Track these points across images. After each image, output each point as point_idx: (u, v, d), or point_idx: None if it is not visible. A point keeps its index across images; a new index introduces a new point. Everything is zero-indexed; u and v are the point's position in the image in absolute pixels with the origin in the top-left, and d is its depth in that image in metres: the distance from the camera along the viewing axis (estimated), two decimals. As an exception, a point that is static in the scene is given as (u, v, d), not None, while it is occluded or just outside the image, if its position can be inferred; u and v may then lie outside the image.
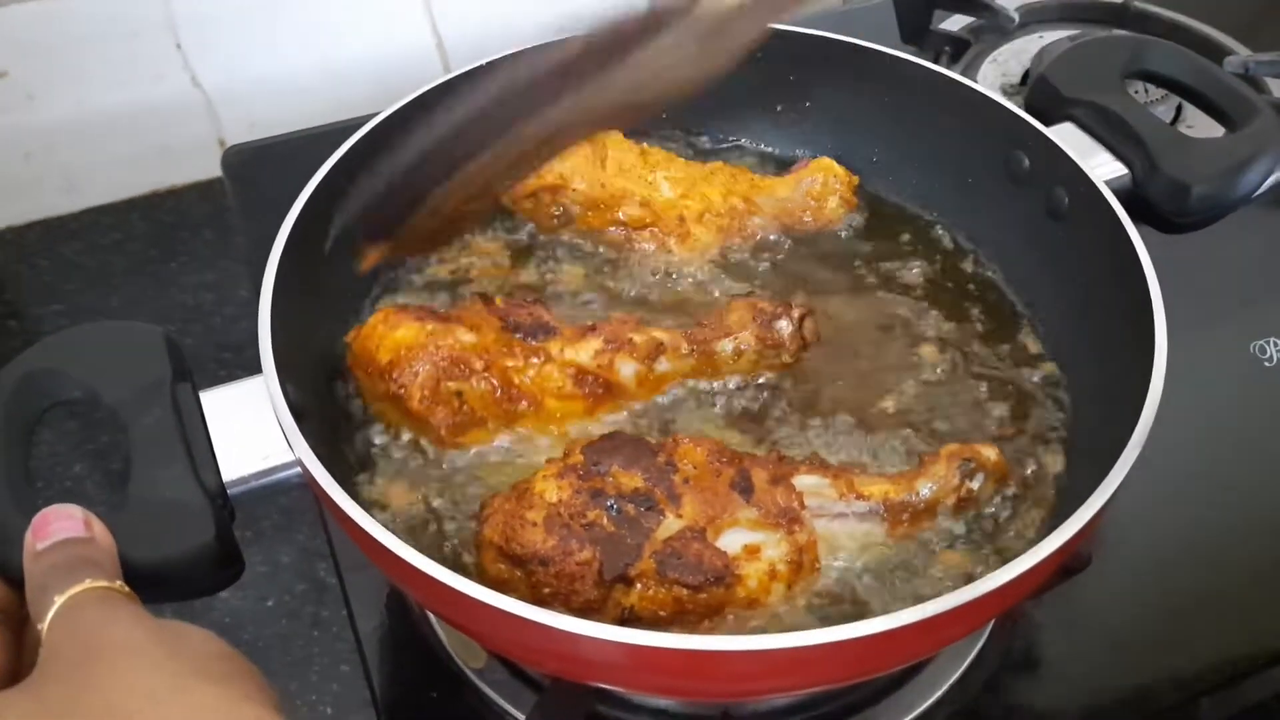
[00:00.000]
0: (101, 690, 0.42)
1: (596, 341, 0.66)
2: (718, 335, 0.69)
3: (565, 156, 0.78)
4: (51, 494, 0.83)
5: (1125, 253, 0.65)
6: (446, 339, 0.64)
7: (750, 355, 0.69)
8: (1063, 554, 0.52)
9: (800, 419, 0.68)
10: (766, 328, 0.69)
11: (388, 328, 0.65)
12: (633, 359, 0.67)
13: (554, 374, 0.65)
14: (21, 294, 1.01)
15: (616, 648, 0.47)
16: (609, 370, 0.66)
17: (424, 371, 0.63)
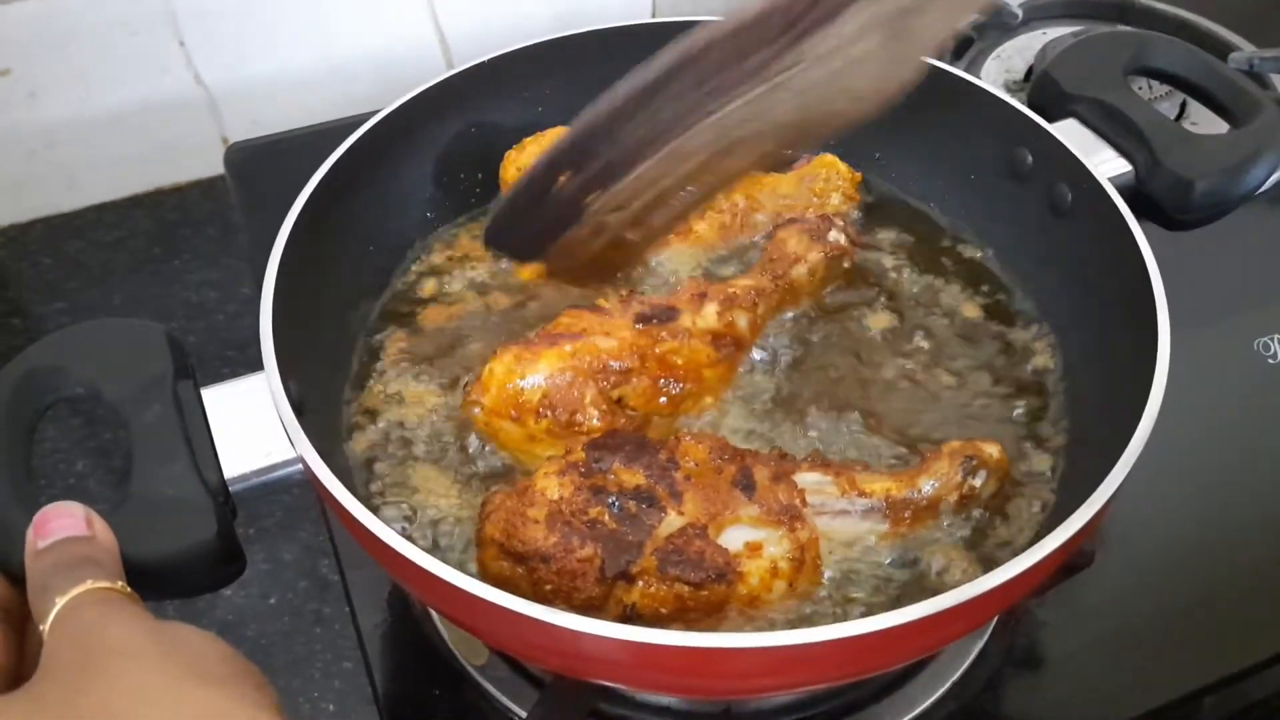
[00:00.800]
0: (99, 694, 0.42)
1: (714, 305, 0.67)
2: (788, 263, 0.72)
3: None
4: (54, 491, 0.83)
5: (1128, 249, 0.65)
6: (591, 352, 0.63)
7: (820, 270, 0.73)
8: (1065, 551, 0.52)
9: (800, 416, 0.68)
10: (824, 240, 0.72)
11: (522, 365, 0.63)
12: (743, 310, 0.68)
13: (699, 346, 0.66)
14: (24, 292, 1.01)
15: (618, 645, 0.47)
16: (732, 327, 0.67)
17: (589, 390, 0.62)
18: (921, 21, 0.57)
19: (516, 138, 0.80)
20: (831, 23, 0.55)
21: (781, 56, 0.55)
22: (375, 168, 0.75)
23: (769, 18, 0.54)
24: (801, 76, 0.56)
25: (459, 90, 0.79)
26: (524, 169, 0.76)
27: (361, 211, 0.75)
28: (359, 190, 0.73)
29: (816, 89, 0.57)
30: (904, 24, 0.56)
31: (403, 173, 0.78)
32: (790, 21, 0.55)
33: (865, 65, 0.57)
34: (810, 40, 0.55)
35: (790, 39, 0.55)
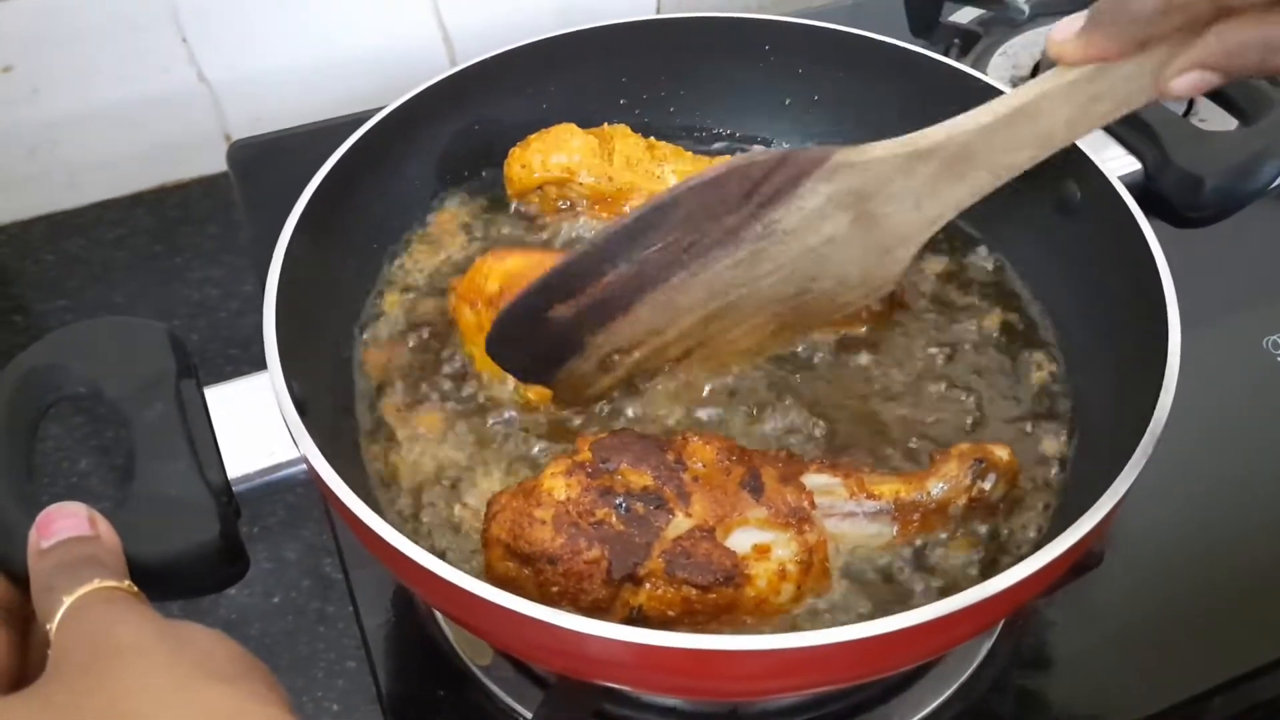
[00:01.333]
0: (109, 693, 0.42)
1: None
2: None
3: (571, 149, 0.77)
4: (56, 489, 0.83)
5: (1137, 247, 0.65)
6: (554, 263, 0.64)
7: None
8: (1075, 552, 0.52)
9: (807, 416, 0.67)
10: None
11: (497, 260, 0.67)
12: None
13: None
14: (26, 289, 1.01)
15: (624, 647, 0.47)
16: None
17: None
18: (884, 210, 0.61)
19: (520, 135, 0.80)
20: (790, 196, 0.59)
21: (750, 224, 0.60)
22: (378, 165, 0.75)
23: (728, 180, 0.59)
24: (780, 249, 0.61)
25: (462, 87, 0.79)
26: (529, 169, 0.77)
27: (365, 208, 0.74)
28: (362, 187, 0.73)
29: (800, 265, 0.62)
30: (867, 209, 0.61)
31: (406, 170, 0.78)
32: (748, 189, 0.59)
33: (844, 249, 0.62)
34: (774, 211, 0.60)
35: (754, 206, 0.60)
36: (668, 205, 0.59)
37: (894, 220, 0.61)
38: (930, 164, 0.60)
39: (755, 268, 0.62)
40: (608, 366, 0.64)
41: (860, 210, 0.60)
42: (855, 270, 0.63)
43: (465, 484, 0.65)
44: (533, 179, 0.78)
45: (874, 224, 0.61)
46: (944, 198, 0.62)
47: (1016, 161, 0.61)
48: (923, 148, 0.59)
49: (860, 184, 0.60)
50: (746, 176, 0.59)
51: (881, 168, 0.60)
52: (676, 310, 0.63)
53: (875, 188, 0.60)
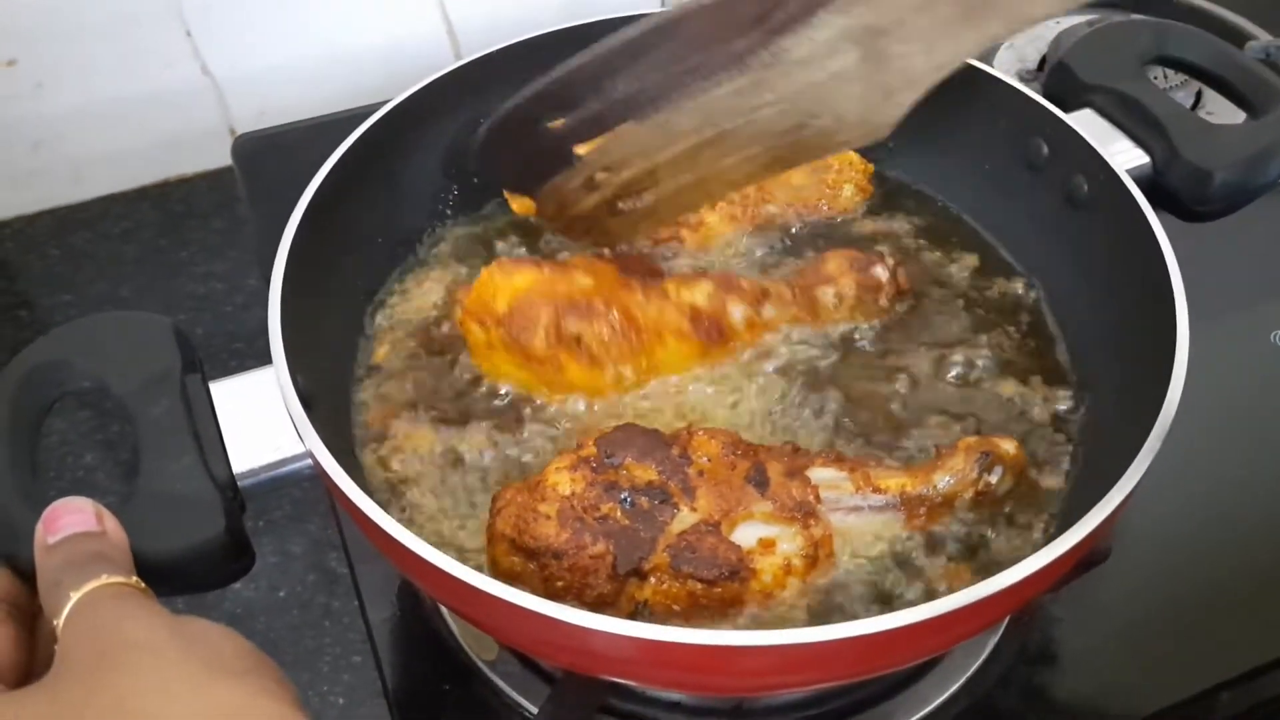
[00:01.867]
0: (118, 689, 0.42)
1: (708, 284, 0.67)
2: (818, 281, 0.70)
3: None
4: (62, 484, 0.83)
5: (1146, 241, 0.64)
6: (565, 283, 0.64)
7: (850, 301, 0.71)
8: (1081, 548, 0.51)
9: (812, 409, 0.67)
10: (864, 273, 0.70)
11: (504, 275, 0.65)
12: (743, 302, 0.68)
13: (672, 311, 0.65)
14: (31, 284, 1.01)
15: (630, 642, 0.47)
16: (721, 312, 0.67)
17: (546, 314, 0.63)
18: (895, 49, 0.59)
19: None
20: (803, 25, 0.58)
21: (758, 51, 0.58)
22: (383, 159, 0.74)
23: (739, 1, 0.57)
24: (783, 80, 0.60)
25: (467, 82, 0.79)
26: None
27: (370, 203, 0.74)
28: (367, 182, 0.73)
29: (801, 99, 0.61)
30: (878, 46, 0.59)
31: (411, 164, 0.78)
32: (761, 12, 0.57)
33: (848, 86, 0.60)
34: (785, 39, 0.58)
35: (764, 32, 0.58)
36: (675, 21, 0.57)
37: (902, 61, 0.60)
38: (951, 4, 0.58)
39: (756, 97, 0.60)
40: (594, 185, 0.63)
41: (871, 47, 0.59)
42: (856, 109, 0.61)
43: (470, 479, 0.65)
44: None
45: (882, 63, 0.59)
46: (956, 43, 0.60)
47: (1033, 12, 0.60)
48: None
49: (876, 19, 0.58)
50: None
51: (901, 3, 0.58)
52: (671, 133, 0.61)
53: (890, 24, 0.58)
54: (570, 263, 0.68)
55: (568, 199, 0.65)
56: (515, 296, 0.64)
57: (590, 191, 0.64)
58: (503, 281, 0.65)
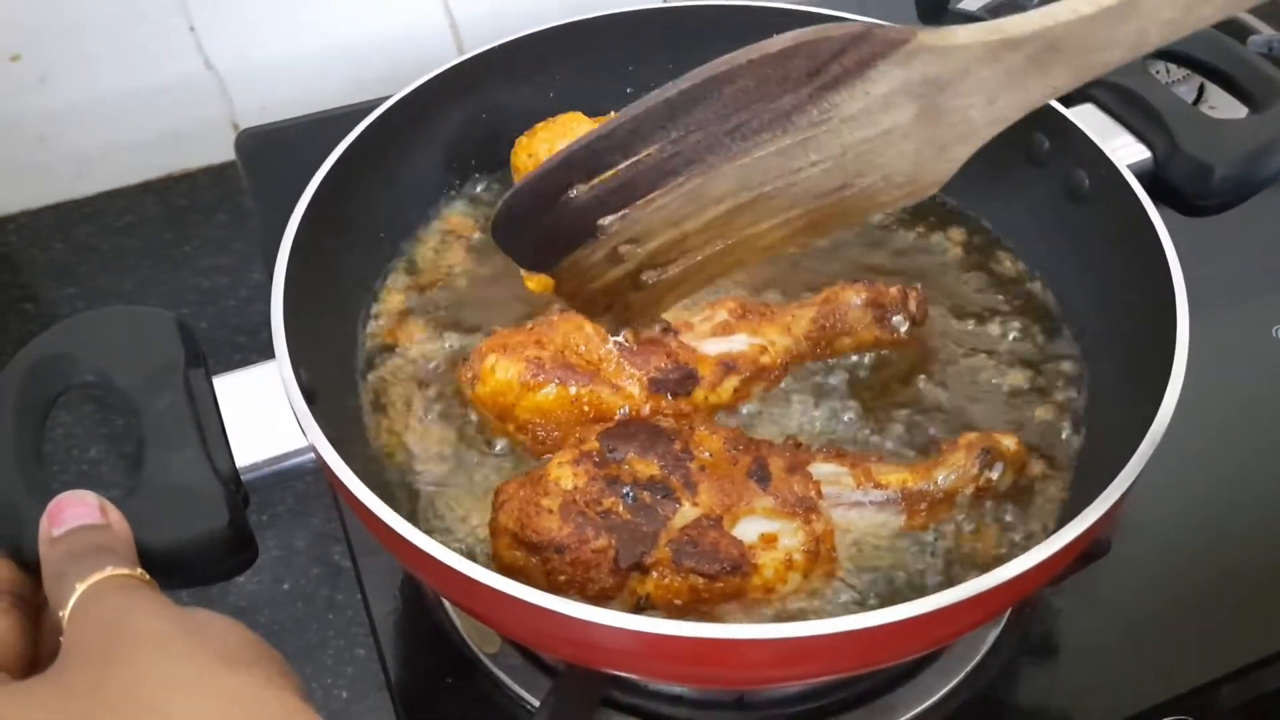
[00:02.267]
0: (124, 679, 0.42)
1: (734, 380, 0.65)
2: (837, 333, 0.69)
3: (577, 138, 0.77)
4: (67, 477, 0.84)
5: (1147, 236, 0.64)
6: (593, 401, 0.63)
7: (865, 346, 0.70)
8: (1082, 541, 0.52)
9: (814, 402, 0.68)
10: (885, 325, 0.69)
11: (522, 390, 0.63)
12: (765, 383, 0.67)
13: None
14: (36, 277, 1.01)
15: (631, 635, 0.47)
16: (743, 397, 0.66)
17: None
18: (955, 104, 0.55)
19: (528, 123, 0.80)
20: (859, 78, 0.53)
21: (807, 108, 0.53)
22: (386, 154, 0.75)
23: (793, 56, 0.52)
24: (831, 138, 0.55)
25: (470, 76, 0.79)
26: (536, 158, 0.76)
27: (372, 197, 0.74)
28: (370, 176, 0.73)
29: (848, 158, 0.56)
30: (936, 101, 0.55)
31: (414, 158, 0.78)
32: (815, 67, 0.53)
33: (901, 143, 0.56)
34: (837, 94, 0.53)
35: (816, 87, 0.53)
36: (720, 79, 0.52)
37: (961, 115, 0.56)
38: (1017, 55, 0.54)
39: (800, 158, 0.55)
40: (617, 258, 0.58)
41: (929, 101, 0.54)
42: (905, 167, 0.57)
43: (472, 471, 0.65)
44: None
45: (939, 118, 0.55)
46: (1020, 94, 0.56)
47: (1104, 60, 0.55)
48: (1013, 36, 0.53)
49: (939, 71, 0.54)
50: (815, 53, 0.52)
51: (965, 55, 0.54)
52: (704, 199, 0.56)
53: (952, 77, 0.54)
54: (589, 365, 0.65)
55: (588, 273, 0.59)
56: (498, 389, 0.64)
57: (613, 265, 0.59)
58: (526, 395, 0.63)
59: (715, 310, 0.68)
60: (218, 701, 0.42)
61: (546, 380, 0.63)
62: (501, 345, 0.65)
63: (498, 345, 0.65)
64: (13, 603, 0.49)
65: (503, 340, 0.65)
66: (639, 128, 0.53)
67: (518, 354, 0.64)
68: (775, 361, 0.67)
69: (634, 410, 0.63)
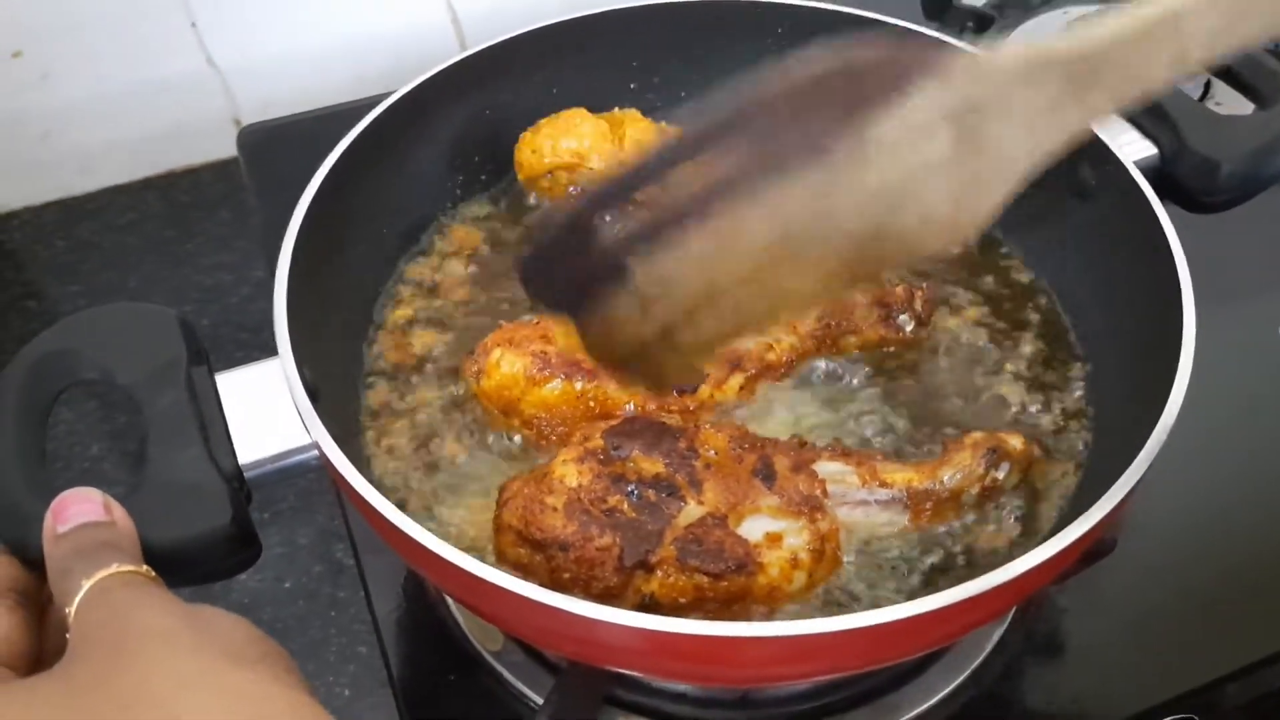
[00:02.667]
0: (132, 675, 0.42)
1: (739, 378, 0.65)
2: (841, 331, 0.69)
3: (582, 134, 0.77)
4: (70, 474, 0.84)
5: (1153, 233, 0.64)
6: (598, 397, 0.64)
7: (870, 345, 0.70)
8: (1087, 540, 0.51)
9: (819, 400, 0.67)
10: (891, 324, 0.69)
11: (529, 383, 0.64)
12: (770, 379, 0.67)
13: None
14: (39, 274, 1.01)
15: (635, 633, 0.47)
16: (748, 395, 0.66)
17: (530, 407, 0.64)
18: (993, 131, 0.53)
19: (531, 120, 0.80)
20: (895, 97, 0.51)
21: (841, 134, 0.51)
22: (389, 150, 0.74)
23: (830, 76, 0.51)
24: (868, 171, 0.52)
25: (472, 72, 0.79)
26: (539, 154, 0.76)
27: (375, 194, 0.74)
28: (372, 173, 0.73)
29: (885, 194, 0.53)
30: (974, 128, 0.52)
31: (416, 155, 0.78)
32: (850, 86, 0.51)
33: (939, 176, 0.53)
34: (874, 116, 0.51)
35: (851, 109, 0.51)
36: (752, 106, 0.51)
37: (1000, 143, 0.53)
38: (1056, 76, 0.52)
39: (833, 194, 0.52)
40: (647, 309, 0.55)
41: (968, 126, 0.52)
42: (942, 205, 0.54)
43: (476, 468, 0.65)
44: (543, 164, 0.77)
45: (978, 146, 0.53)
46: (1058, 121, 0.54)
47: (1144, 83, 0.54)
48: (1053, 56, 0.52)
49: (979, 92, 0.52)
50: (852, 71, 0.50)
51: (1004, 75, 0.52)
52: (734, 241, 0.53)
53: (991, 100, 0.52)
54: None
55: (618, 327, 0.56)
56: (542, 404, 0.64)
57: (643, 320, 0.56)
58: (533, 386, 0.64)
59: None
60: (225, 697, 0.42)
61: (552, 375, 0.63)
62: (508, 339, 0.65)
63: (504, 339, 0.65)
64: (17, 600, 0.49)
65: (509, 334, 0.65)
66: (670, 156, 0.52)
67: (524, 348, 0.64)
68: (781, 359, 0.67)
69: (639, 406, 0.63)
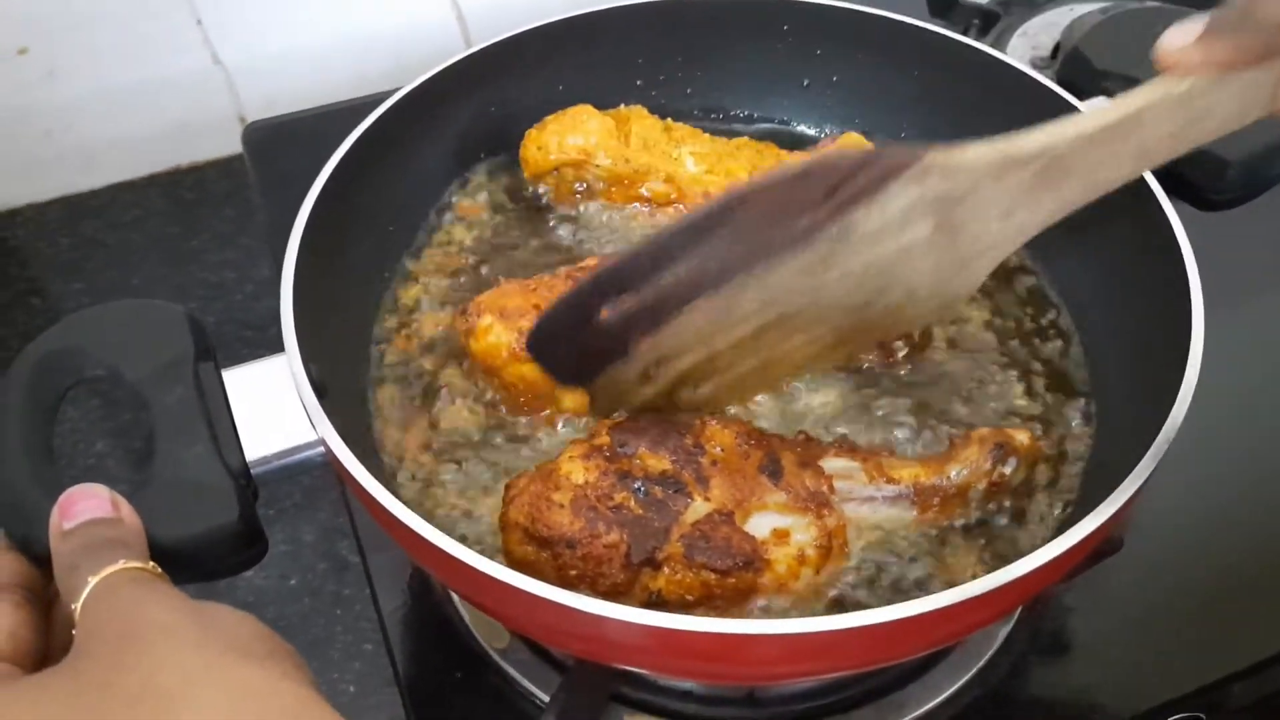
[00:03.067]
0: (140, 670, 0.42)
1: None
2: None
3: (588, 131, 0.77)
4: (74, 472, 0.84)
5: (1161, 231, 0.64)
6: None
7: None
8: (1094, 539, 0.51)
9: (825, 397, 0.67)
10: (885, 347, 0.69)
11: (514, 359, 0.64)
12: None
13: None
14: (43, 271, 1.01)
15: (642, 630, 0.47)
16: None
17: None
18: (970, 218, 0.56)
19: (536, 116, 0.80)
20: (875, 196, 0.55)
21: (826, 226, 0.55)
22: (394, 147, 0.74)
23: (810, 177, 0.55)
24: (852, 256, 0.56)
25: (477, 69, 0.79)
26: (545, 151, 0.76)
27: (380, 191, 0.74)
28: (378, 170, 0.73)
29: (870, 274, 0.57)
30: (951, 216, 0.56)
31: (422, 152, 0.78)
32: (832, 186, 0.54)
33: (921, 259, 0.57)
34: (855, 213, 0.55)
35: (834, 206, 0.55)
36: (739, 202, 0.55)
37: (977, 229, 0.57)
38: (1024, 172, 0.56)
39: (823, 275, 0.56)
40: (651, 376, 0.60)
41: (944, 217, 0.56)
42: (928, 283, 0.59)
43: (483, 465, 0.65)
44: (549, 161, 0.77)
45: (956, 233, 0.57)
46: (1033, 209, 0.58)
47: (1112, 176, 0.57)
48: (1018, 154, 0.56)
49: (950, 188, 0.56)
50: (830, 174, 0.55)
51: (974, 172, 0.56)
52: (732, 318, 0.57)
53: (964, 193, 0.56)
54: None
55: (623, 393, 0.61)
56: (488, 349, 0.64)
57: (646, 383, 0.60)
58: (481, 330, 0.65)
59: None
60: (232, 693, 0.42)
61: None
62: (500, 307, 0.65)
63: (497, 306, 0.65)
64: (24, 596, 0.49)
65: (502, 300, 0.65)
66: (663, 252, 0.56)
67: (513, 322, 0.64)
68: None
69: None
